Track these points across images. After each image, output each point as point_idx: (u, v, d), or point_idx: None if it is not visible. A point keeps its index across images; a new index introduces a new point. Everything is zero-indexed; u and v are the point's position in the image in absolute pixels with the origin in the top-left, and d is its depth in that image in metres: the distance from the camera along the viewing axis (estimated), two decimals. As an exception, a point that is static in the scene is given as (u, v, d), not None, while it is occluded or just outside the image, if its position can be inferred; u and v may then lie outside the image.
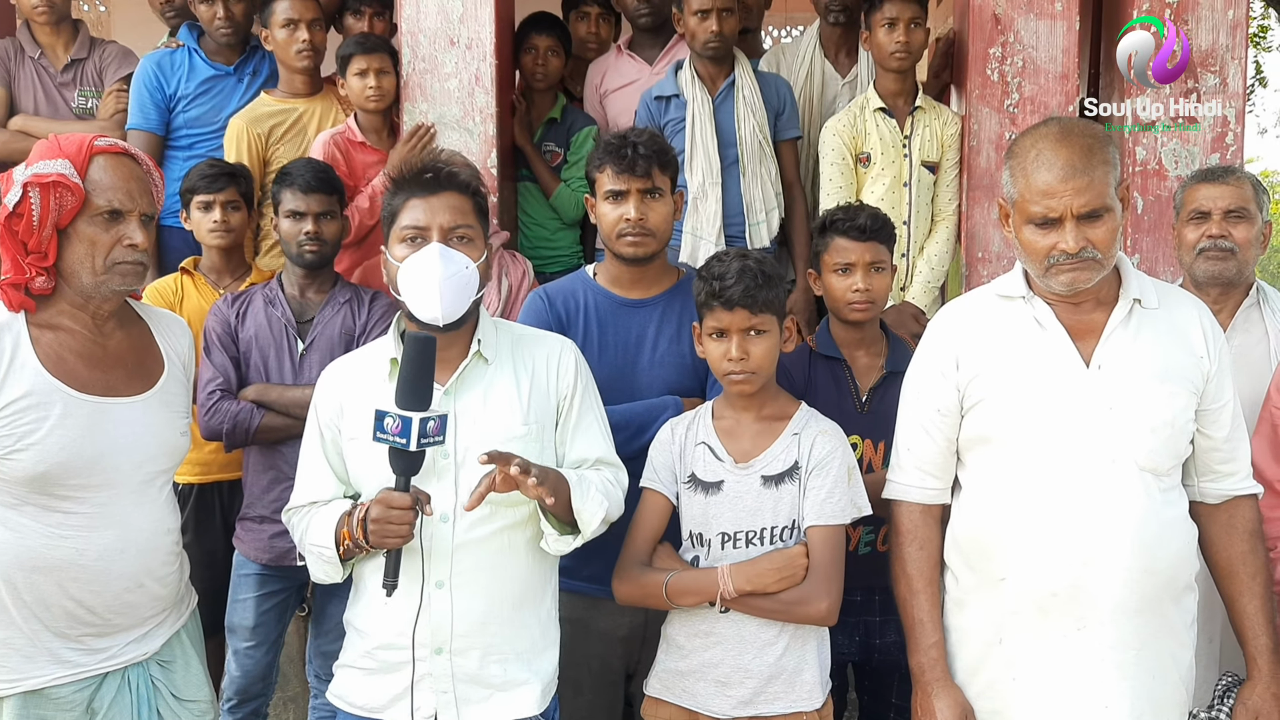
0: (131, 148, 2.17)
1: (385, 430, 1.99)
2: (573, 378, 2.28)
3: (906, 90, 3.61)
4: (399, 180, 2.23)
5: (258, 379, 3.04)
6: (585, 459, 2.27)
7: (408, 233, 2.18)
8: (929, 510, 2.25)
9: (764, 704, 2.25)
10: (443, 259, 2.13)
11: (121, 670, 2.17)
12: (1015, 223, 2.12)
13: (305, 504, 2.28)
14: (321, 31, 3.75)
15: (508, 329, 2.34)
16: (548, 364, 2.28)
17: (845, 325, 2.72)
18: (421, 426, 1.98)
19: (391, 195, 2.23)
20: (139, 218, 2.12)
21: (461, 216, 2.20)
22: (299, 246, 3.06)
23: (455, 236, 2.18)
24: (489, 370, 2.23)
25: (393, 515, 2.03)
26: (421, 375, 2.01)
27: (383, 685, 2.18)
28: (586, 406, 2.30)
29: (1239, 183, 2.83)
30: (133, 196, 2.11)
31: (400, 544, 2.05)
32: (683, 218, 3.54)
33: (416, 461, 2.03)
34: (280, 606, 3.11)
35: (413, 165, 3.42)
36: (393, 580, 2.05)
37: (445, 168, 2.23)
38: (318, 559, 2.22)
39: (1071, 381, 2.10)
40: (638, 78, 4.00)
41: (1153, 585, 2.06)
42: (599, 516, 2.17)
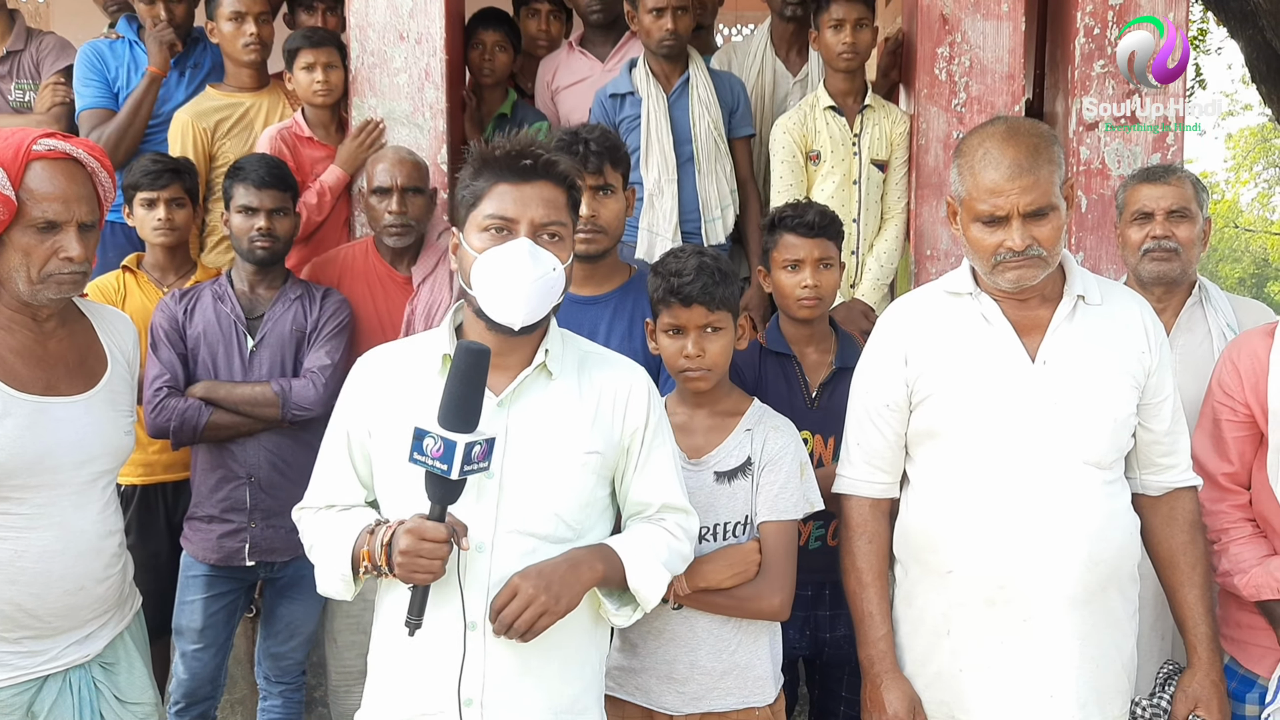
0: (75, 149, 2.07)
1: (424, 452, 1.75)
2: (645, 410, 2.03)
3: (856, 89, 3.64)
4: (488, 159, 1.93)
5: (206, 376, 3.00)
6: (649, 504, 2.04)
7: (492, 223, 1.90)
8: (878, 504, 2.27)
9: (716, 699, 2.25)
10: (532, 258, 1.87)
11: (63, 673, 2.13)
12: (963, 220, 2.14)
13: (320, 506, 2.04)
14: (269, 25, 3.71)
15: (575, 343, 2.08)
16: (617, 391, 2.02)
17: (795, 322, 2.74)
18: (466, 452, 1.73)
19: (474, 175, 1.94)
20: (76, 228, 2.05)
21: (555, 212, 1.93)
22: (251, 243, 3.02)
23: (546, 233, 1.91)
24: (552, 385, 1.97)
25: (424, 549, 1.77)
26: (472, 392, 1.76)
27: None
28: (659, 443, 2.05)
29: (1180, 182, 2.87)
30: (69, 206, 2.04)
31: (430, 580, 1.80)
32: (636, 214, 3.55)
33: (456, 490, 1.78)
34: (229, 608, 3.06)
35: (357, 164, 3.38)
36: (417, 620, 1.81)
37: (544, 154, 1.93)
38: (330, 573, 1.96)
39: (1017, 376, 2.13)
40: (589, 75, 4.00)
41: (1097, 576, 2.10)
42: (657, 592, 1.97)
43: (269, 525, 2.99)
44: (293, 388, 2.96)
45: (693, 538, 2.08)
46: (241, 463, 2.98)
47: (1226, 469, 2.39)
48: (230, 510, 2.98)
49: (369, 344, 3.17)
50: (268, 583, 3.09)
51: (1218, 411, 2.42)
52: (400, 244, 3.24)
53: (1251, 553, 2.34)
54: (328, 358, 3.01)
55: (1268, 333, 2.40)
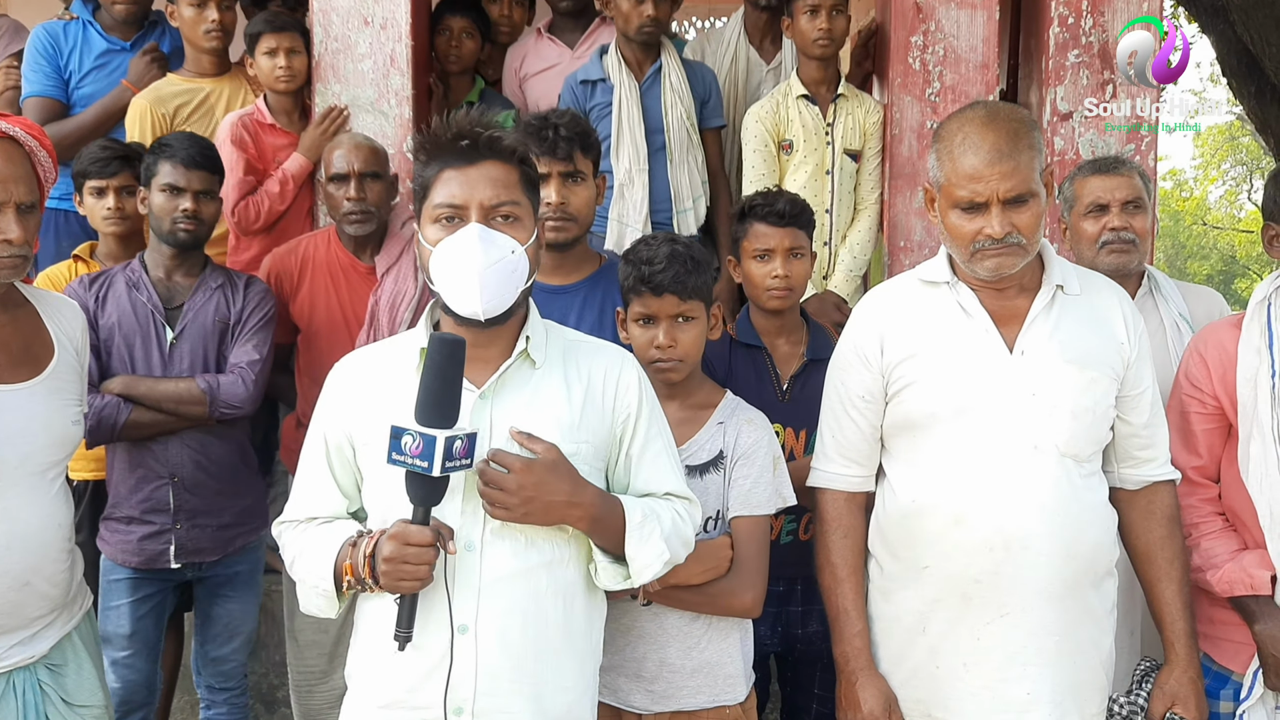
0: (11, 128, 2.02)
1: (403, 451, 1.70)
2: (636, 397, 1.96)
3: (829, 78, 3.60)
4: (430, 147, 1.87)
5: (121, 370, 2.84)
6: (651, 493, 1.98)
7: (442, 212, 1.84)
8: (853, 498, 2.23)
9: (686, 698, 2.21)
10: (483, 243, 1.80)
11: (6, 674, 2.06)
12: (941, 207, 2.10)
13: (301, 519, 1.96)
14: (231, 11, 3.63)
15: (559, 332, 2.01)
16: (605, 377, 1.95)
17: (765, 313, 2.69)
18: (447, 447, 1.68)
19: (423, 165, 1.88)
20: (15, 209, 1.99)
21: (506, 191, 1.85)
22: (174, 224, 2.87)
23: (499, 215, 1.84)
24: (535, 375, 1.91)
25: (409, 554, 1.72)
26: (448, 385, 1.72)
27: None
28: (654, 432, 1.99)
29: (1131, 173, 2.83)
30: (6, 186, 1.98)
31: (417, 588, 1.74)
32: (606, 203, 3.49)
33: (439, 489, 1.74)
34: (157, 610, 2.93)
35: (318, 151, 3.25)
36: (407, 632, 1.75)
37: (484, 132, 1.85)
38: (311, 590, 1.89)
39: (995, 367, 2.09)
40: (559, 61, 3.94)
41: (1074, 571, 2.07)
42: (654, 566, 1.89)
43: (195, 526, 2.86)
44: (220, 384, 2.83)
45: (696, 525, 2.02)
46: (163, 462, 2.84)
47: (1196, 462, 2.37)
48: (152, 511, 2.84)
49: (332, 335, 3.17)
50: (197, 583, 2.97)
51: (1186, 405, 2.39)
52: (360, 231, 3.16)
53: (1223, 547, 2.33)
54: (256, 352, 2.89)
55: (1234, 324, 2.38)
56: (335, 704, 3.09)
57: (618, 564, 1.90)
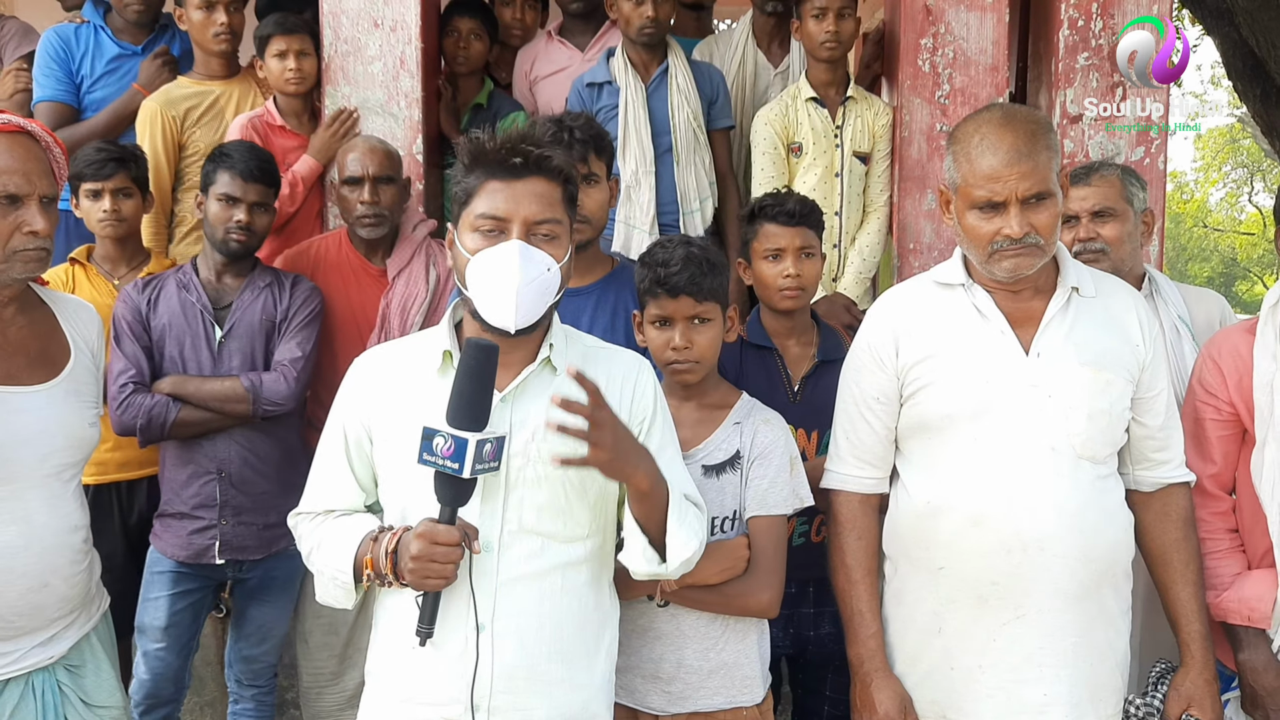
0: (28, 123, 2.04)
1: (434, 452, 1.72)
2: (651, 402, 2.00)
3: (838, 80, 3.60)
4: (479, 154, 1.88)
5: (173, 369, 2.91)
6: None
7: (484, 223, 1.86)
8: (867, 500, 2.24)
9: (704, 699, 2.21)
10: (523, 260, 1.82)
11: (25, 676, 2.06)
12: (957, 208, 2.10)
13: (318, 511, 2.00)
14: (239, 14, 3.62)
15: (578, 339, 2.05)
16: (623, 384, 1.98)
17: (776, 314, 2.70)
18: (478, 450, 1.70)
19: (467, 172, 1.90)
20: (39, 201, 2.00)
21: (549, 209, 1.87)
22: (226, 233, 2.94)
23: (540, 232, 1.86)
24: (556, 381, 1.92)
25: (437, 553, 1.74)
26: (481, 389, 1.74)
27: None
28: (668, 438, 2.01)
29: (1103, 180, 2.79)
30: (30, 179, 1.99)
31: (443, 585, 1.77)
32: (616, 206, 3.49)
33: (468, 490, 1.76)
34: (195, 607, 2.98)
35: (329, 154, 3.27)
36: (428, 628, 1.79)
37: (536, 150, 1.87)
38: (330, 581, 1.92)
39: (1011, 369, 2.09)
40: (569, 64, 3.94)
41: (1090, 573, 2.07)
42: (688, 551, 1.89)
43: (240, 522, 2.92)
44: (264, 382, 2.88)
45: (705, 534, 2.01)
46: (212, 458, 2.90)
47: (1210, 470, 2.34)
48: (201, 507, 2.90)
49: (343, 338, 3.17)
50: (237, 584, 3.02)
51: (1200, 411, 2.37)
52: (373, 235, 3.17)
53: (1227, 569, 2.30)
54: (299, 349, 2.94)
55: (1248, 329, 2.37)
56: (345, 706, 3.14)
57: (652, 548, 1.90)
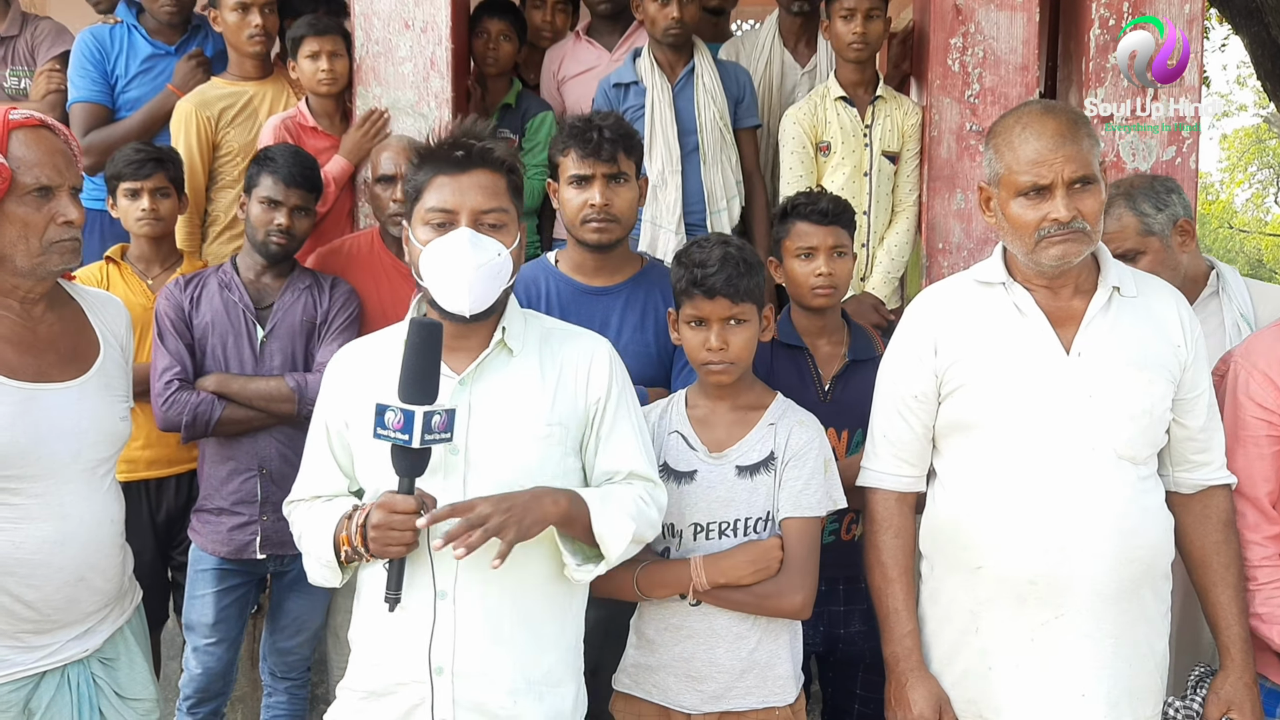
0: (47, 118, 2.06)
1: (386, 425, 1.83)
2: (606, 381, 2.07)
3: (867, 79, 3.59)
4: (425, 153, 2.01)
5: (215, 367, 2.93)
6: (616, 471, 2.07)
7: (434, 216, 1.97)
8: (904, 498, 2.23)
9: (736, 699, 2.21)
10: (472, 247, 1.94)
11: (61, 668, 2.08)
12: (1001, 200, 2.09)
13: (307, 498, 2.12)
14: (274, 15, 3.64)
15: (537, 321, 2.15)
16: (578, 364, 2.07)
17: (807, 313, 2.69)
18: (425, 421, 1.81)
19: (415, 170, 2.01)
20: (69, 192, 2.03)
21: (494, 198, 1.98)
22: (267, 236, 2.96)
23: (487, 221, 1.97)
24: (513, 362, 2.04)
25: (395, 520, 1.85)
26: (427, 365, 1.84)
27: (385, 707, 1.99)
28: (622, 414, 2.08)
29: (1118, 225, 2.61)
30: (60, 170, 2.01)
31: (403, 552, 1.87)
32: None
33: (421, 461, 1.86)
34: (240, 602, 3.01)
35: (361, 154, 3.35)
36: (395, 594, 1.88)
37: (477, 144, 1.99)
38: (315, 561, 2.04)
39: (1051, 368, 2.08)
40: (596, 64, 3.94)
41: (1130, 574, 2.06)
42: (624, 540, 1.97)
43: (280, 518, 2.90)
44: (308, 382, 2.89)
45: (661, 508, 2.09)
46: (252, 454, 2.92)
47: (1266, 489, 2.22)
48: (241, 503, 2.92)
49: (374, 335, 3.18)
50: (275, 577, 3.04)
51: (1253, 428, 2.23)
52: None
53: None
54: None
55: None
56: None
57: (586, 560, 2.00)
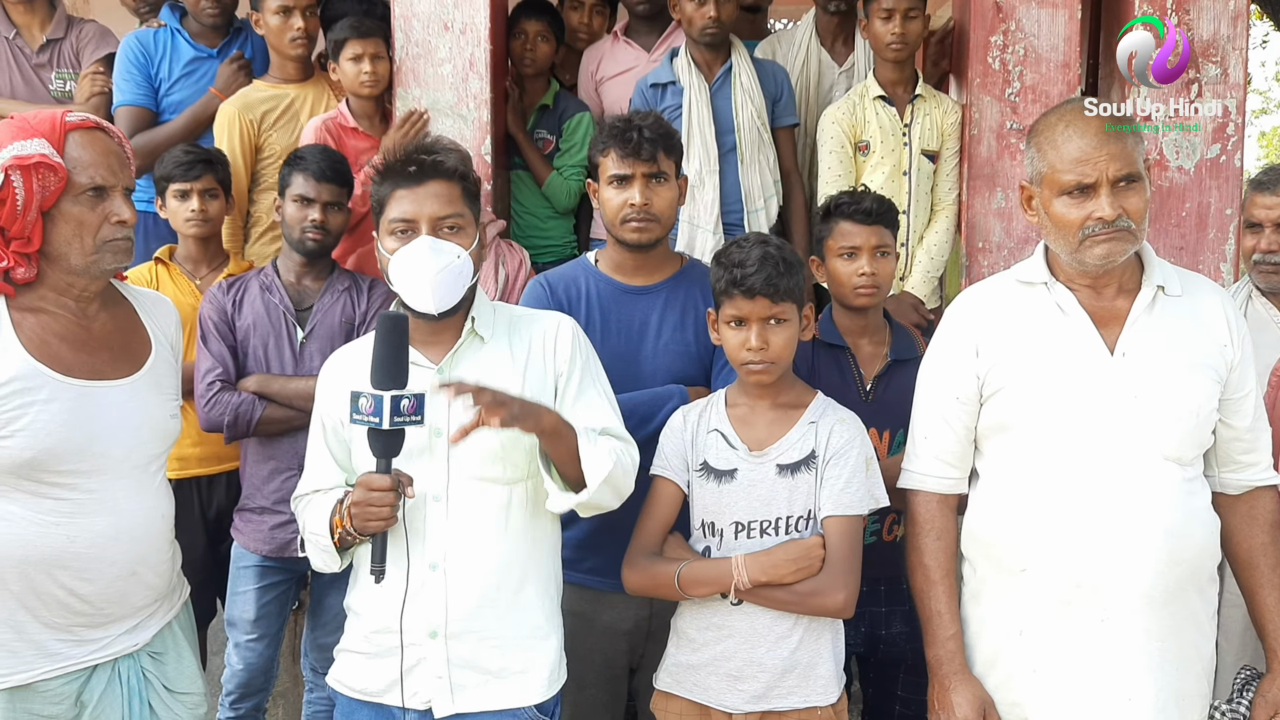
0: (101, 121, 2.11)
1: (360, 410, 1.97)
2: (569, 351, 2.24)
3: (906, 78, 3.57)
4: (384, 170, 2.21)
5: (256, 368, 2.98)
6: (590, 427, 2.18)
7: (396, 226, 2.16)
8: (946, 500, 2.22)
9: (778, 698, 2.21)
10: (433, 252, 2.11)
11: (111, 662, 2.11)
12: (1043, 199, 2.08)
13: (309, 492, 2.27)
14: (315, 18, 3.68)
15: (505, 310, 2.32)
16: (544, 342, 2.24)
17: (849, 312, 2.69)
18: (394, 404, 1.95)
19: (378, 185, 2.20)
20: (122, 192, 2.07)
21: (450, 205, 2.17)
22: (302, 233, 3.00)
23: (445, 227, 2.16)
24: (484, 348, 2.21)
25: (373, 498, 2.00)
26: (393, 353, 1.99)
27: (379, 669, 2.16)
28: (587, 380, 2.25)
29: None
30: (114, 171, 2.06)
31: (383, 527, 2.03)
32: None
33: (394, 442, 2.00)
34: (281, 598, 3.06)
35: (399, 152, 3.40)
36: (380, 566, 2.04)
37: (429, 157, 2.19)
38: (315, 547, 2.20)
39: (1095, 369, 2.06)
40: (634, 65, 3.94)
41: (1177, 576, 2.04)
42: (605, 468, 2.09)
43: None
44: None
45: (634, 464, 2.20)
46: (293, 454, 2.94)
47: None
48: (282, 502, 2.94)
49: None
50: (316, 575, 3.06)
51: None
52: None
53: None
54: None
55: None
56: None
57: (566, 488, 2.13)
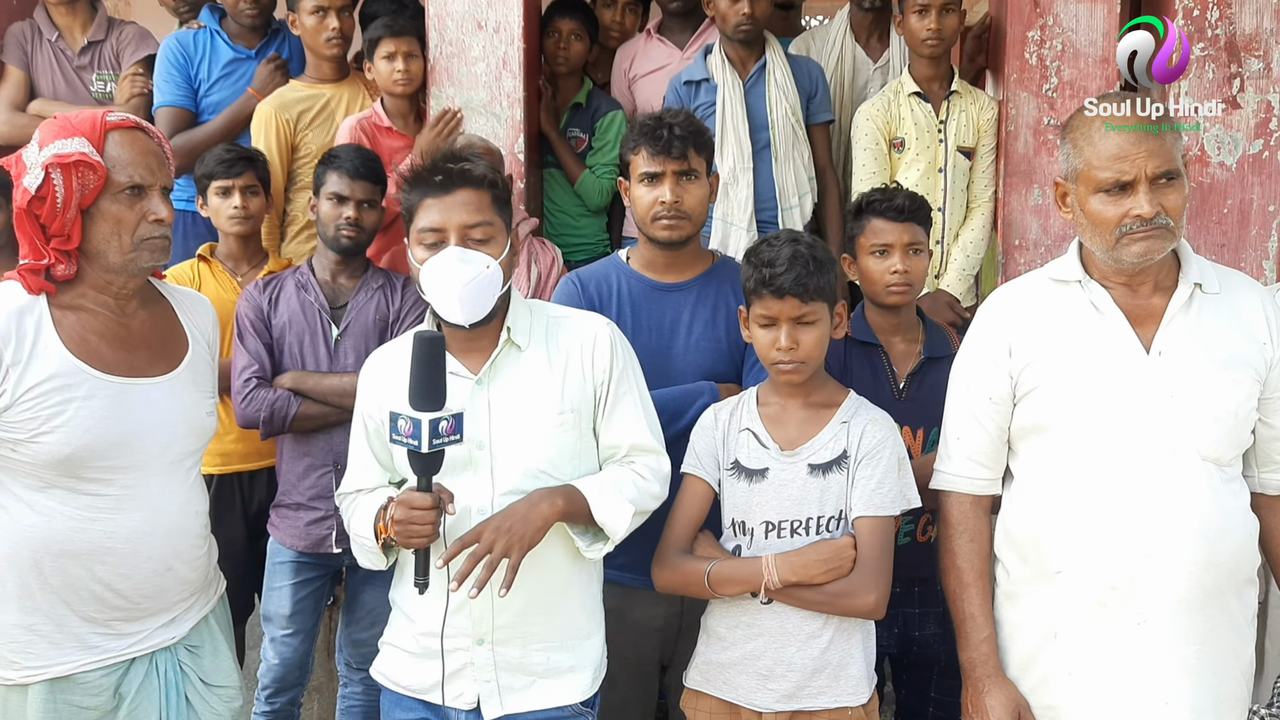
0: (141, 121, 2.14)
1: (399, 432, 1.96)
2: (608, 360, 2.21)
3: (942, 74, 3.54)
4: (412, 178, 2.18)
5: (292, 365, 3.00)
6: (617, 447, 2.21)
7: (425, 236, 2.14)
8: (979, 501, 2.19)
9: (808, 698, 2.20)
10: (461, 263, 2.10)
11: (149, 655, 2.15)
12: (1079, 196, 2.05)
13: (352, 491, 2.28)
14: (350, 18, 3.71)
15: (542, 310, 2.29)
16: (583, 348, 2.21)
17: (882, 310, 2.67)
18: (432, 428, 1.93)
19: (407, 192, 2.19)
20: (160, 191, 2.10)
21: (478, 214, 2.14)
22: (337, 230, 3.02)
23: (473, 236, 2.13)
24: (523, 357, 2.18)
25: (414, 516, 1.99)
26: (431, 374, 1.97)
27: (426, 669, 2.17)
28: (624, 390, 2.22)
29: None
30: (152, 170, 2.08)
31: (424, 544, 2.02)
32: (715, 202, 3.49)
33: (434, 462, 1.99)
34: (316, 594, 3.08)
35: (435, 153, 3.42)
36: (423, 579, 2.03)
37: (456, 166, 2.17)
38: (361, 548, 2.21)
39: (1131, 368, 2.03)
40: (668, 62, 3.94)
41: (1215, 579, 2.00)
42: (623, 523, 2.12)
43: None
44: None
45: (663, 478, 2.21)
46: (328, 451, 2.98)
47: None
48: (317, 498, 2.98)
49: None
50: (351, 571, 3.10)
51: None
52: None
53: None
54: None
55: None
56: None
57: (595, 540, 2.15)
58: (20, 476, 2.03)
